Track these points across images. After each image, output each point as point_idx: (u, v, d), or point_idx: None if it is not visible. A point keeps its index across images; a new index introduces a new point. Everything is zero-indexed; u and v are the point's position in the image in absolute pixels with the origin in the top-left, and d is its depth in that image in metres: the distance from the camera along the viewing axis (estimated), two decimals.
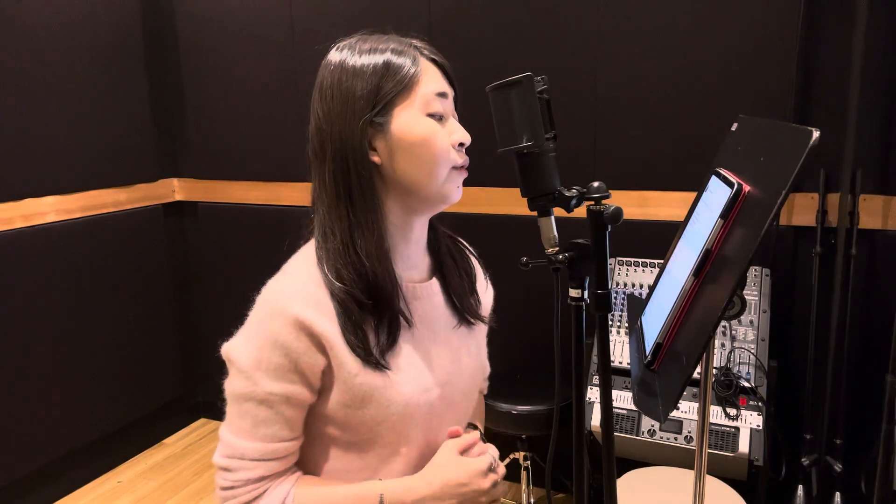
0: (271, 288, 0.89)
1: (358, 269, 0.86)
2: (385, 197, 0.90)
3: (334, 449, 0.93)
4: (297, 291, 0.86)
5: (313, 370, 0.86)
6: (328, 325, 0.85)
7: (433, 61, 0.89)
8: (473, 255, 1.10)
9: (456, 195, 0.92)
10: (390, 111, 0.86)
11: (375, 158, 0.87)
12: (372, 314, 0.88)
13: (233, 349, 0.89)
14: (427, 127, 0.86)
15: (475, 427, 1.09)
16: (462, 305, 1.01)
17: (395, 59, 0.86)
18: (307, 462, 0.95)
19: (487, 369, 1.15)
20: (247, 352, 0.87)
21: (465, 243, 1.09)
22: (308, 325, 0.84)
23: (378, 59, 0.86)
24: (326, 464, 0.94)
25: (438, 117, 0.88)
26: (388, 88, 0.85)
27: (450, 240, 1.05)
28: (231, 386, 0.89)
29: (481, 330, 1.07)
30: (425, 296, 0.96)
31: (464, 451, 0.96)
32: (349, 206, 0.87)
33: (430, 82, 0.87)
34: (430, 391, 0.93)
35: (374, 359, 0.87)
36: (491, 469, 0.95)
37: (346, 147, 0.86)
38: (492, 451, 1.00)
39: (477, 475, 0.93)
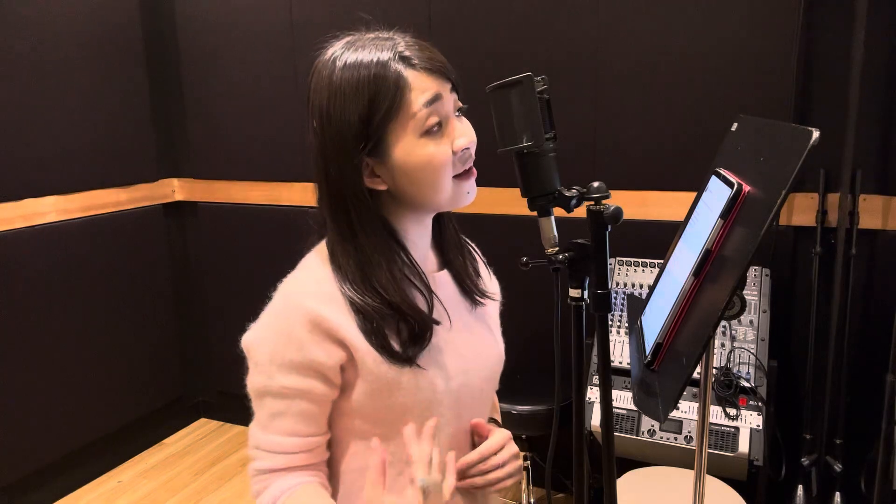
0: (288, 284, 0.90)
1: (380, 294, 0.86)
2: (396, 210, 0.90)
3: (363, 443, 0.92)
4: (313, 288, 0.87)
5: (330, 365, 0.86)
6: (344, 319, 0.85)
7: (422, 68, 0.83)
8: (473, 248, 1.10)
9: (466, 200, 0.92)
10: (384, 140, 0.83)
11: (381, 186, 0.87)
12: (394, 318, 0.87)
13: (250, 342, 0.89)
14: (424, 150, 0.84)
15: (494, 421, 1.09)
16: (472, 287, 1.01)
17: (379, 82, 0.81)
18: (335, 459, 0.95)
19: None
20: (263, 346, 0.87)
21: (463, 237, 1.10)
22: (324, 320, 0.84)
23: (362, 82, 0.81)
24: (355, 461, 0.93)
25: (436, 128, 0.84)
26: (377, 120, 0.81)
27: (453, 230, 1.06)
28: (251, 381, 0.90)
29: (494, 317, 1.08)
30: (441, 285, 0.97)
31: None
32: (355, 242, 0.87)
33: (419, 95, 0.82)
34: (453, 380, 0.93)
35: (401, 358, 0.87)
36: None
37: (345, 185, 0.85)
38: (509, 447, 0.98)
39: None
